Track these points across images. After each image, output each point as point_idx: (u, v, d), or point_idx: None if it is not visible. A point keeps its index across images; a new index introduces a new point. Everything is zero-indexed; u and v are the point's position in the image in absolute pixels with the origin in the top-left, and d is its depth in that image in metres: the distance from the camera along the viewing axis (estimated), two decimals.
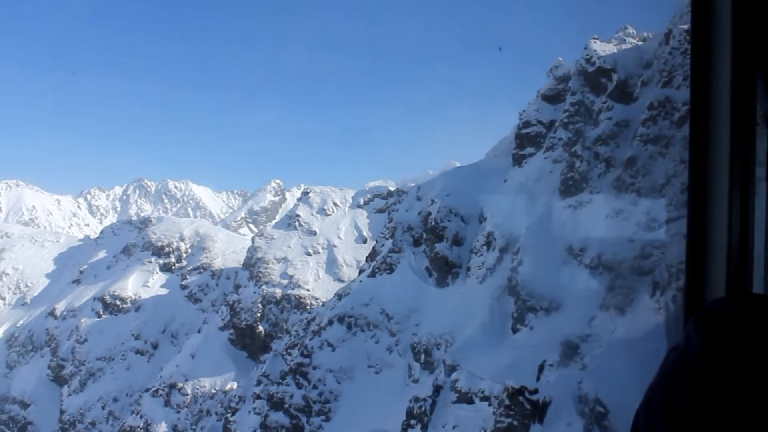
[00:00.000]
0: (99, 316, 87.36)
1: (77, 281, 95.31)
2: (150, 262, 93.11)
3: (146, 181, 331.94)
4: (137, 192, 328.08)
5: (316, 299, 75.06)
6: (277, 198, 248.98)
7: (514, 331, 48.09)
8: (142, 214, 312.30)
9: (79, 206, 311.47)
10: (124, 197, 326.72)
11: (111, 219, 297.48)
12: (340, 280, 76.96)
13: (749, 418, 1.07)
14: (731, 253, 2.10)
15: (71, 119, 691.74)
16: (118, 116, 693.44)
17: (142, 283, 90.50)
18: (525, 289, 48.81)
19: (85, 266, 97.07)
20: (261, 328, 75.16)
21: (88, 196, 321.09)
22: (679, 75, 54.90)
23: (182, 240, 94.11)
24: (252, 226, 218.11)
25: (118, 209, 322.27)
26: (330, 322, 56.02)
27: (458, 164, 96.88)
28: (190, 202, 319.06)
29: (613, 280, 37.78)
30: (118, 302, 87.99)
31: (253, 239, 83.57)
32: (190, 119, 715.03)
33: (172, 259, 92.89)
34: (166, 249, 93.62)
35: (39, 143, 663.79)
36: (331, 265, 79.51)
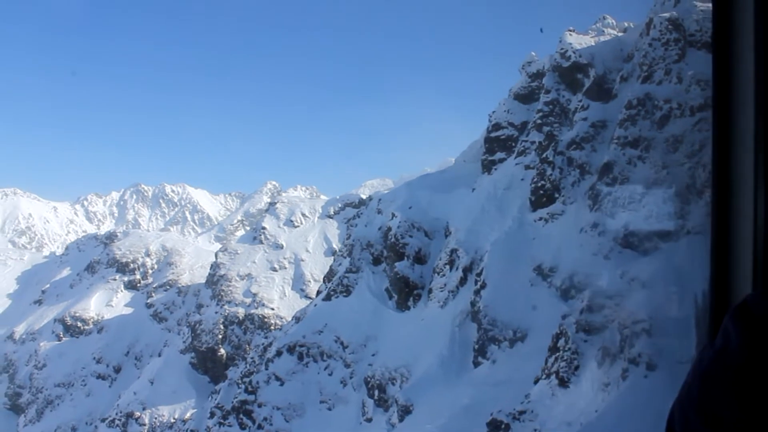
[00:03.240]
0: (59, 339, 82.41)
1: (39, 302, 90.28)
2: (114, 279, 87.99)
3: (143, 185, 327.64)
4: (134, 197, 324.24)
5: (281, 318, 69.78)
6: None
7: (476, 364, 42.52)
8: (139, 219, 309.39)
9: (76, 213, 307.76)
10: (121, 203, 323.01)
11: (108, 225, 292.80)
12: (308, 297, 71.59)
13: None
14: (757, 249, 2.00)
15: (67, 126, 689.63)
16: (115, 121, 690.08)
17: (106, 303, 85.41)
18: (487, 316, 43.19)
19: (48, 285, 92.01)
20: (223, 351, 69.97)
21: (85, 203, 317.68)
22: (661, 69, 49.05)
23: (148, 255, 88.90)
24: (248, 228, 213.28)
25: (116, 215, 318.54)
26: (279, 353, 50.52)
27: (453, 161, 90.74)
28: (188, 205, 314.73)
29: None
30: (79, 324, 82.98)
31: (216, 254, 78.20)
32: (186, 123, 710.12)
33: (138, 276, 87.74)
34: (131, 265, 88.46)
35: (35, 150, 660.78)
36: (298, 281, 74.08)
